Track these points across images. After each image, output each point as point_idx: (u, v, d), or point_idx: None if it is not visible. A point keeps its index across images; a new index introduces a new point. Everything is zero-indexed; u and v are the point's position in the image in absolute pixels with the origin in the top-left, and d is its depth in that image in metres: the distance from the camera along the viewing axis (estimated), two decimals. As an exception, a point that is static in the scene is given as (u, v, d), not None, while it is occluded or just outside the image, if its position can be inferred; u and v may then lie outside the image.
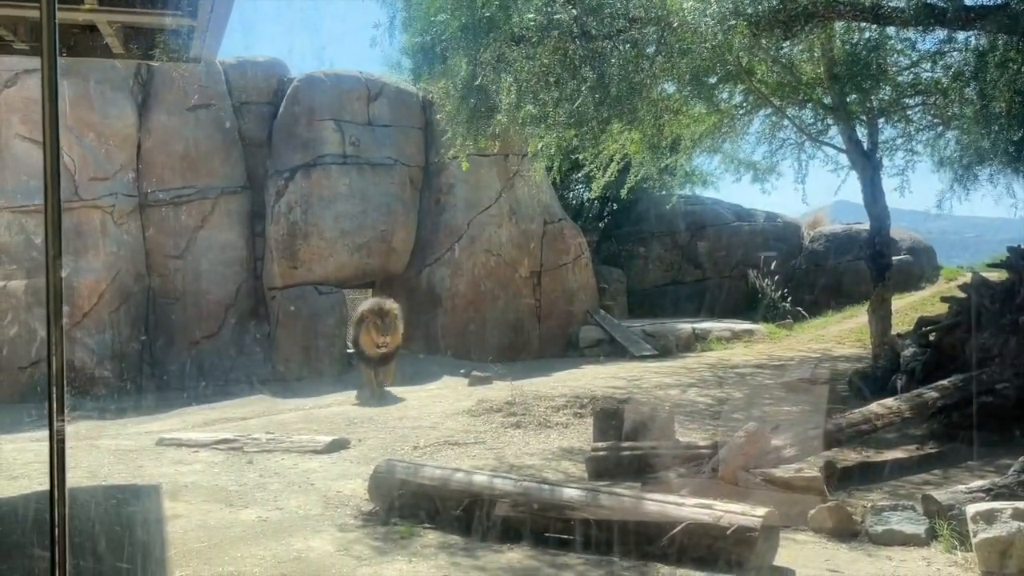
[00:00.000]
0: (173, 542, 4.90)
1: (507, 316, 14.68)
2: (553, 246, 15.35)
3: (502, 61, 8.17)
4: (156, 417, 10.08)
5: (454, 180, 14.65)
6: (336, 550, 4.74)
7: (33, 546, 4.64)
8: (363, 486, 5.81)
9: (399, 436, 8.00)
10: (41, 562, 4.37)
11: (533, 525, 4.81)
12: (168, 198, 13.43)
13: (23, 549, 4.66)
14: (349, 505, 5.66)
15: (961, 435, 6.79)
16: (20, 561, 4.42)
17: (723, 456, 5.71)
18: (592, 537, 4.62)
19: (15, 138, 12.54)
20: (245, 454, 7.44)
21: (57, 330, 1.68)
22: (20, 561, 4.42)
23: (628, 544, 4.54)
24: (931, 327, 8.70)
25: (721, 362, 12.30)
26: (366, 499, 5.61)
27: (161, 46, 6.43)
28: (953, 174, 10.58)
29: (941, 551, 4.57)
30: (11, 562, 4.41)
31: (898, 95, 10.93)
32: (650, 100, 9.75)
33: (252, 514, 5.53)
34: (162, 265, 13.33)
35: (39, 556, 4.48)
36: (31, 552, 4.58)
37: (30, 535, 4.96)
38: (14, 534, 4.98)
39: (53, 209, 1.76)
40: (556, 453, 7.15)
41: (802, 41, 9.66)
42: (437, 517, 5.09)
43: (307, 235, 13.65)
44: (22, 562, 4.40)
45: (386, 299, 11.03)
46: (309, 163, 13.88)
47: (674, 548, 4.40)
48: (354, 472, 6.50)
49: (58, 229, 1.74)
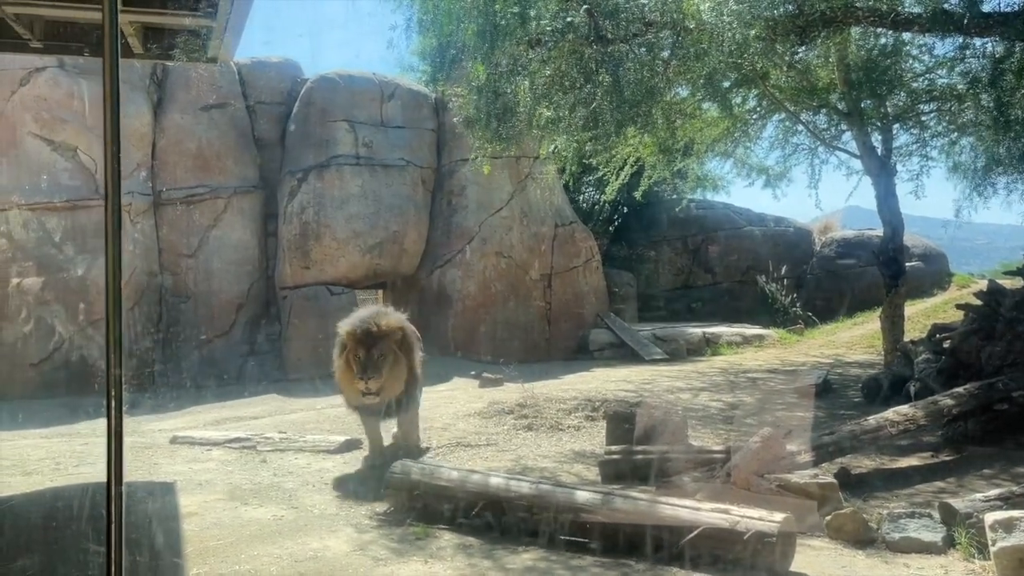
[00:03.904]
0: (189, 539, 4.92)
1: (517, 318, 14.70)
2: (564, 249, 15.36)
3: (518, 65, 8.19)
4: (169, 415, 10.13)
5: (466, 182, 14.69)
6: (352, 550, 4.75)
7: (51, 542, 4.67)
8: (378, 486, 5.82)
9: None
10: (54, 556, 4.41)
11: (549, 527, 4.81)
12: (181, 197, 13.50)
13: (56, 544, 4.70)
14: (364, 505, 5.67)
15: (977, 443, 6.76)
16: (50, 554, 4.45)
17: (737, 461, 5.70)
18: (607, 540, 4.62)
19: (28, 136, 12.62)
20: (258, 453, 7.47)
21: (115, 329, 1.69)
22: (50, 554, 4.45)
23: (643, 547, 4.54)
24: (946, 334, 8.66)
25: (732, 366, 12.28)
26: (381, 499, 5.62)
27: (180, 46, 6.47)
28: (968, 182, 10.54)
29: (959, 559, 4.55)
30: (38, 555, 4.43)
31: (913, 101, 10.93)
32: (664, 104, 9.76)
33: (267, 513, 5.54)
34: (175, 263, 13.40)
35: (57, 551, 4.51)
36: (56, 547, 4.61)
37: (51, 530, 5.00)
38: (48, 528, 5.02)
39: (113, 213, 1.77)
40: (568, 456, 7.14)
41: (818, 46, 9.64)
42: (453, 518, 5.10)
43: (319, 235, 13.70)
44: (51, 555, 4.43)
45: (381, 311, 6.70)
46: (322, 163, 13.94)
47: (690, 552, 4.40)
48: (368, 472, 6.51)
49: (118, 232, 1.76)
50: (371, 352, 6.16)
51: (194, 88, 13.77)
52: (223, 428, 8.87)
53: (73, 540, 4.74)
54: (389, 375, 6.28)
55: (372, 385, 6.12)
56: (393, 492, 5.44)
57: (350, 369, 6.26)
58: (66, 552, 4.56)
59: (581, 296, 15.38)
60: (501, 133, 8.93)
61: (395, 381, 6.39)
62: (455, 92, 10.20)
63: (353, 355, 6.22)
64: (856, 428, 6.42)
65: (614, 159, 12.04)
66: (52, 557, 4.46)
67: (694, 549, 4.39)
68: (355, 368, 6.19)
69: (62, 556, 4.50)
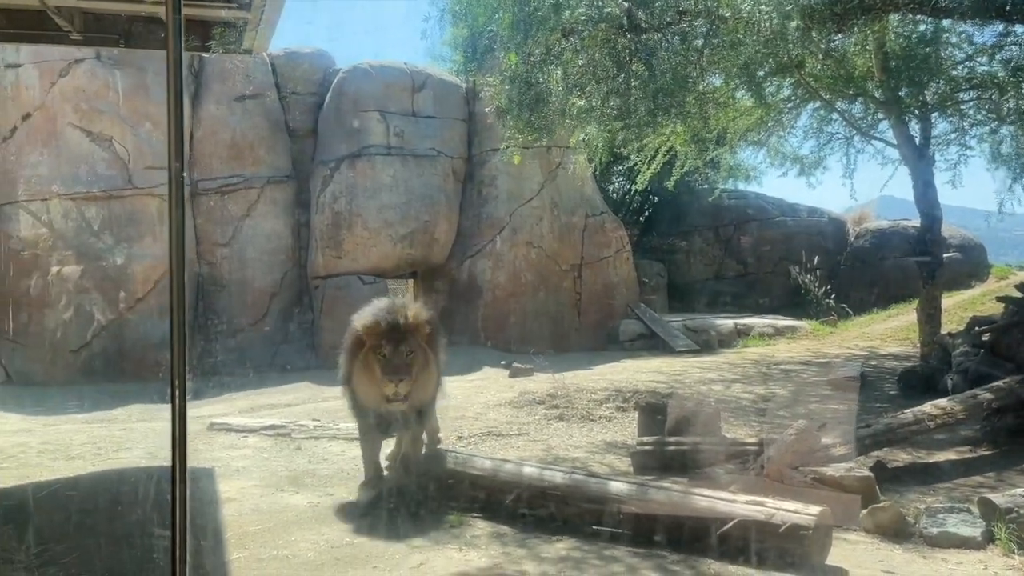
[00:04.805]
0: (229, 524, 5.01)
1: (547, 309, 14.71)
2: (594, 239, 15.33)
3: (551, 54, 8.17)
4: (205, 401, 10.29)
5: (496, 172, 14.70)
6: (387, 538, 4.80)
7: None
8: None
9: (443, 426, 8.04)
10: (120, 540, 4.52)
11: (582, 517, 4.83)
12: (216, 187, 13.67)
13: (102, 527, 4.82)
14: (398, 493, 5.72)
15: (1016, 438, 6.65)
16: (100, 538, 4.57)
17: (771, 453, 5.67)
18: (641, 531, 4.63)
19: (68, 127, 12.84)
20: (293, 440, 7.57)
21: (179, 316, 1.74)
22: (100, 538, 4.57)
23: (677, 539, 4.54)
24: (985, 327, 8.52)
25: (764, 358, 12.19)
26: (416, 487, 5.67)
27: (216, 38, 6.54)
28: (1009, 171, 10.34)
29: (998, 554, 4.50)
30: (86, 539, 4.55)
31: (953, 89, 10.71)
32: (697, 93, 9.68)
33: (303, 499, 5.63)
34: (210, 253, 13.59)
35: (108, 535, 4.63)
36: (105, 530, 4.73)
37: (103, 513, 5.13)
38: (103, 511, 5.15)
39: (176, 206, 1.82)
40: (600, 446, 7.15)
41: (855, 33, 9.49)
42: (487, 507, 5.13)
43: (351, 225, 13.81)
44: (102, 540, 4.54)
45: (402, 302, 5.76)
46: (354, 153, 14.03)
47: (724, 544, 4.40)
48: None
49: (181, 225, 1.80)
50: (400, 348, 5.10)
51: (229, 79, 13.92)
52: (258, 415, 9.00)
53: (132, 525, 4.86)
54: (419, 377, 5.25)
55: (403, 388, 5.05)
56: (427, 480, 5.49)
57: (370, 370, 5.18)
58: (123, 535, 4.68)
59: (611, 287, 15.35)
60: (533, 123, 8.92)
61: (426, 384, 5.40)
62: (487, 82, 10.21)
63: (376, 353, 5.13)
64: (893, 421, 6.35)
65: (646, 149, 11.97)
66: (108, 540, 4.58)
67: (728, 541, 4.39)
68: (379, 368, 5.09)
69: (118, 539, 4.62)
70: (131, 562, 4.27)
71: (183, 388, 1.78)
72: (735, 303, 17.08)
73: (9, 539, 4.38)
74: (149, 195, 12.86)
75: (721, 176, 15.55)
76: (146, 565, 4.16)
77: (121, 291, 12.40)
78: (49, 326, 12.18)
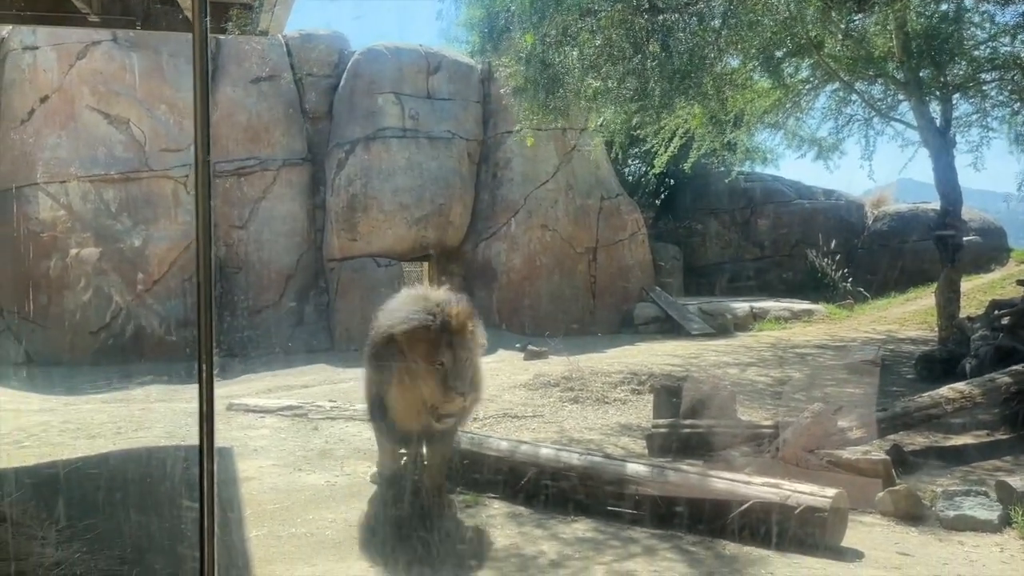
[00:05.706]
0: (248, 502, 5.07)
1: (562, 291, 14.71)
2: (609, 222, 15.29)
3: (567, 35, 8.12)
4: (223, 382, 10.37)
5: (511, 154, 14.67)
6: (404, 517, 4.84)
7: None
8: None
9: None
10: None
11: (598, 498, 4.86)
12: (232, 169, 13.71)
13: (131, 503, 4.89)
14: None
15: (1034, 422, 6.61)
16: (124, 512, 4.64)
17: (787, 436, 5.67)
18: (658, 512, 4.65)
19: (86, 109, 12.91)
20: (310, 421, 7.64)
21: (206, 297, 1.76)
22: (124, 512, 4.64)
23: (694, 520, 4.56)
24: (1005, 310, 8.45)
25: (780, 342, 12.15)
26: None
27: (233, 19, 6.54)
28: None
29: (1015, 538, 4.49)
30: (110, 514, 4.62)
31: (974, 70, 10.56)
32: (715, 74, 9.60)
33: (320, 479, 5.68)
34: (227, 235, 13.65)
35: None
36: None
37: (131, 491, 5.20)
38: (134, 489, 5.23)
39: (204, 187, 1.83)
40: (615, 429, 7.17)
41: (876, 13, 9.37)
42: (503, 488, 5.17)
43: (366, 207, 13.83)
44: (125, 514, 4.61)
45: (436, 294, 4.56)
46: (369, 136, 14.02)
47: (740, 526, 4.41)
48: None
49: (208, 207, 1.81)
50: (458, 354, 4.20)
51: (245, 61, 13.94)
52: (275, 396, 9.08)
53: (155, 502, 4.93)
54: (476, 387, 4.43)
55: (469, 403, 4.30)
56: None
57: (416, 384, 4.24)
58: (147, 511, 4.75)
59: (626, 269, 15.31)
60: (549, 104, 8.90)
61: (478, 393, 4.59)
62: (502, 63, 10.15)
63: (427, 360, 4.18)
64: (910, 405, 6.33)
65: (662, 131, 11.90)
66: (132, 516, 4.65)
67: (744, 523, 4.40)
68: (435, 381, 4.16)
69: (142, 515, 4.69)
70: (155, 538, 4.33)
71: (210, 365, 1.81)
72: (751, 286, 16.99)
73: (33, 516, 4.45)
74: (165, 177, 12.93)
75: (738, 159, 15.40)
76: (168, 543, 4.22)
77: (139, 272, 12.51)
78: (68, 308, 12.31)
